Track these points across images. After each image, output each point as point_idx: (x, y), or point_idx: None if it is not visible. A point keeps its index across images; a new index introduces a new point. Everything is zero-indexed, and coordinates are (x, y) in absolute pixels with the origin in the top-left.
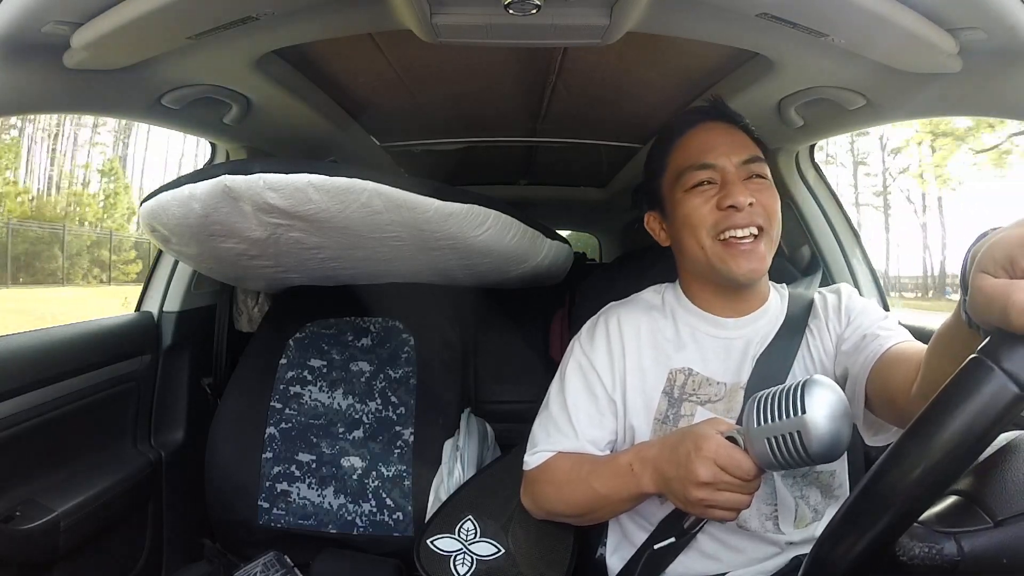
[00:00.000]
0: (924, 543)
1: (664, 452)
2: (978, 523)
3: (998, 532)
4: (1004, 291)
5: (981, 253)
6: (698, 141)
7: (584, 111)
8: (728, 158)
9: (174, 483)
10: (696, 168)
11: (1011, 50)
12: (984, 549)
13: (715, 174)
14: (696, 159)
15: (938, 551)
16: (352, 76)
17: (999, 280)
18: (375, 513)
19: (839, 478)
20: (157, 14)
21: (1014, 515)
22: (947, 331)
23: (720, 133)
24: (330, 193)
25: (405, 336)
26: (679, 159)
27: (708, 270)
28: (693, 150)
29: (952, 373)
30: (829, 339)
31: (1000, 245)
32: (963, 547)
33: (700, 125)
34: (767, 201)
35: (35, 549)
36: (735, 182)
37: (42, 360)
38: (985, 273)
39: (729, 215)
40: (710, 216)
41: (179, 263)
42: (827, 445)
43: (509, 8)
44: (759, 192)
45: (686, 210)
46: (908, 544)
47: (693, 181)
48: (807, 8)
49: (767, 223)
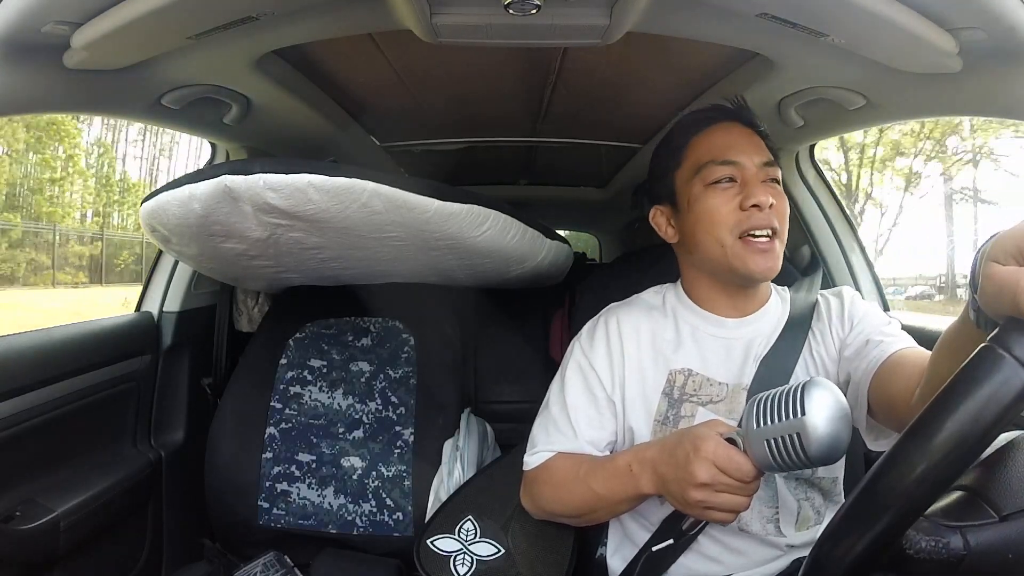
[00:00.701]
0: (930, 537)
1: (663, 453)
2: (984, 518)
3: (1003, 527)
4: (1015, 279)
5: (992, 244)
6: (720, 138)
7: (584, 111)
8: (751, 158)
9: (174, 483)
10: (719, 163)
11: (1011, 50)
12: (990, 543)
13: (736, 172)
14: (719, 155)
15: (944, 545)
16: (352, 76)
17: (1009, 267)
18: (375, 513)
19: (839, 482)
20: (157, 14)
21: (1020, 510)
22: (954, 334)
23: (742, 134)
24: (330, 193)
25: (405, 336)
26: (700, 153)
27: (723, 268)
28: (716, 146)
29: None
30: (832, 343)
31: (1011, 235)
32: (969, 541)
33: (722, 123)
34: (780, 205)
35: (35, 549)
36: (756, 183)
37: (42, 360)
38: (995, 262)
39: (751, 215)
40: (732, 215)
41: (179, 263)
42: (827, 447)
43: (509, 8)
44: (774, 196)
45: (707, 207)
46: (915, 538)
47: (714, 176)
48: (807, 8)
49: (781, 226)
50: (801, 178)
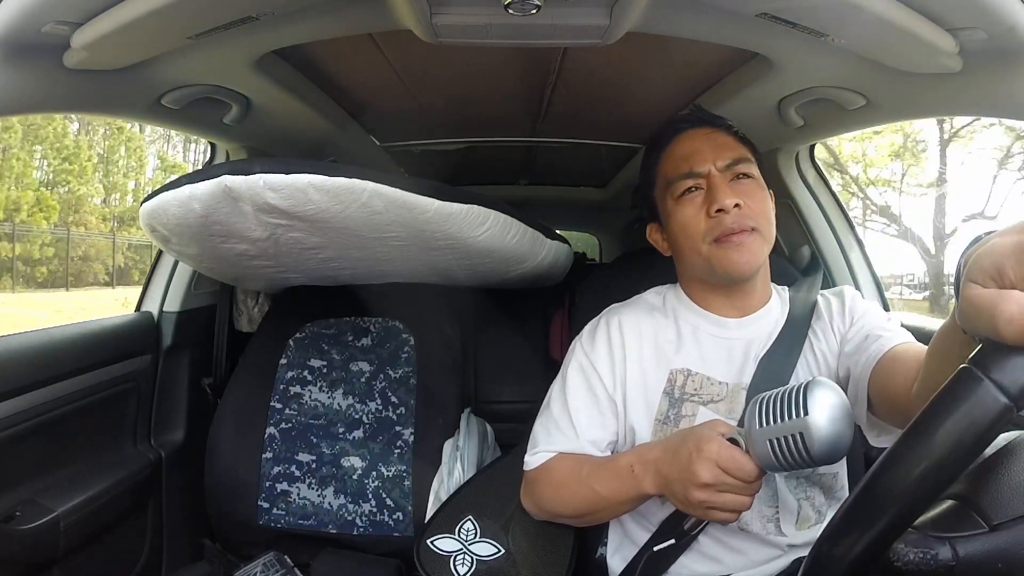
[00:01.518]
0: (919, 548)
1: (666, 454)
2: (973, 528)
3: (993, 537)
4: (992, 302)
5: (970, 263)
6: (681, 150)
7: (584, 111)
8: (711, 163)
9: (174, 483)
10: (681, 177)
11: (1011, 50)
12: (979, 554)
13: (701, 180)
14: (681, 168)
15: (933, 556)
16: (352, 76)
17: (987, 290)
18: (375, 513)
19: (841, 479)
20: (157, 14)
21: (1010, 519)
22: (945, 334)
23: (702, 139)
24: (330, 193)
25: (405, 336)
26: (666, 170)
27: (708, 273)
28: (678, 159)
29: (950, 375)
30: (833, 339)
31: (988, 254)
32: (958, 552)
33: (683, 133)
34: (755, 201)
35: (35, 549)
36: (719, 186)
37: (42, 360)
38: (974, 283)
39: (719, 220)
40: (703, 223)
41: (179, 263)
42: (829, 447)
43: (509, 8)
44: (747, 194)
45: (680, 219)
46: (902, 550)
47: (680, 189)
48: (807, 8)
49: (758, 223)
50: (801, 178)
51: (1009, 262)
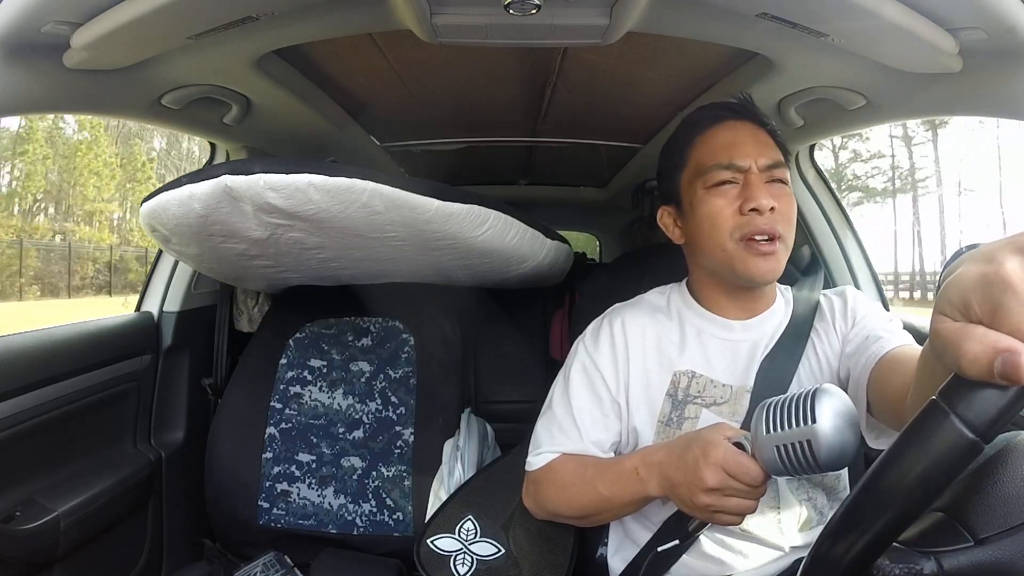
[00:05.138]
0: (903, 564)
1: (671, 457)
2: (959, 541)
3: (979, 551)
4: (957, 338)
5: (939, 294)
6: (723, 138)
7: (584, 111)
8: (754, 160)
9: (174, 483)
10: (720, 167)
11: (1011, 50)
12: (965, 568)
13: (738, 175)
14: (721, 157)
15: (917, 572)
16: (352, 76)
17: (954, 325)
18: (375, 513)
19: (843, 480)
20: (157, 14)
21: (996, 533)
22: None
23: (747, 133)
24: (331, 193)
25: (405, 336)
26: (702, 154)
27: (726, 271)
28: (718, 147)
29: (940, 384)
30: (836, 339)
31: (955, 286)
32: (943, 567)
33: (726, 122)
34: (786, 207)
35: (35, 549)
36: (758, 184)
37: (42, 360)
38: (943, 315)
39: (751, 219)
40: (732, 219)
41: (179, 263)
42: (836, 454)
43: (509, 8)
44: (779, 197)
45: (708, 210)
46: (886, 566)
47: (715, 179)
48: (807, 8)
49: (785, 229)
50: (801, 178)
51: (976, 297)
